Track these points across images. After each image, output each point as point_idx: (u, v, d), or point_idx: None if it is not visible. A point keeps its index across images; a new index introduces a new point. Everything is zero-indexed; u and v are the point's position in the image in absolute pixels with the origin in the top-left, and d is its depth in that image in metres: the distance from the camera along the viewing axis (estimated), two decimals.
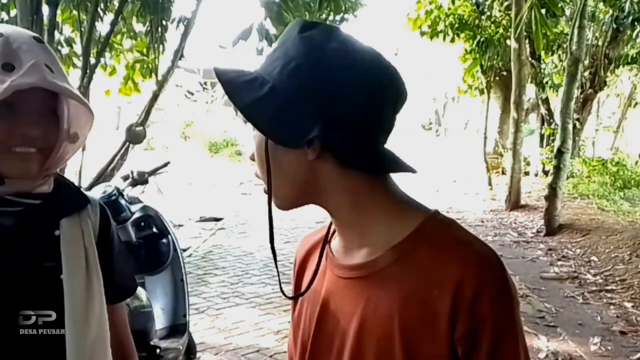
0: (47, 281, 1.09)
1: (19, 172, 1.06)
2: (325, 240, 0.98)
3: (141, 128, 3.28)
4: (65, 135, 1.08)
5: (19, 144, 1.04)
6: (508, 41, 11.38)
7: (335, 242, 0.96)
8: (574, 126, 10.01)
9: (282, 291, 0.99)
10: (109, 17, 6.19)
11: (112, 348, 1.20)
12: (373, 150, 0.85)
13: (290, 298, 1.01)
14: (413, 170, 0.87)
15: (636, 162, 13.95)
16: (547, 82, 12.95)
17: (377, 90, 0.83)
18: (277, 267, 0.96)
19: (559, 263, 6.74)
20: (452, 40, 12.80)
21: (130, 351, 1.31)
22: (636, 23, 10.15)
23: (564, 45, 10.88)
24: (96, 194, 2.65)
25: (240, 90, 0.85)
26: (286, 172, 0.86)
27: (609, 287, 5.75)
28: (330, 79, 0.81)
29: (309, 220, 7.15)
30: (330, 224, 0.98)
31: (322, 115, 0.80)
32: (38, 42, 1.07)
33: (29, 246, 1.10)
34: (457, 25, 12.55)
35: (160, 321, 3.02)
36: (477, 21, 12.41)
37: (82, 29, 5.69)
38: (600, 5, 10.72)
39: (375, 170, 0.87)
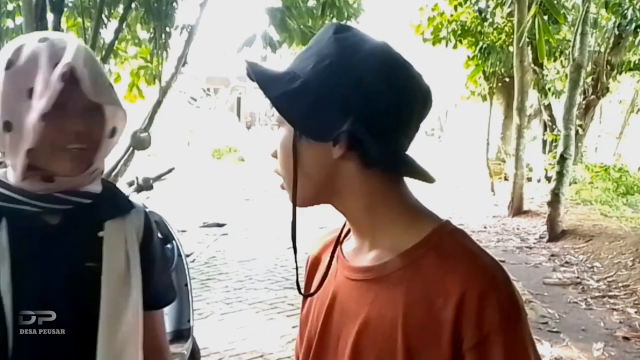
0: (87, 281, 1.10)
1: (69, 171, 1.08)
2: (337, 242, 0.99)
3: (146, 134, 3.29)
4: (107, 129, 1.11)
5: (70, 142, 1.06)
6: (510, 47, 11.39)
7: (347, 244, 0.98)
8: (577, 132, 10.02)
9: (299, 289, 1.01)
10: (113, 24, 6.23)
11: (150, 353, 1.22)
12: (396, 152, 0.87)
13: (305, 296, 1.01)
14: (432, 179, 0.89)
15: (639, 168, 13.93)
16: (549, 89, 12.97)
17: (405, 94, 0.85)
18: (296, 263, 0.97)
19: (562, 269, 6.74)
20: (455, 47, 12.84)
21: (167, 356, 1.32)
22: (638, 30, 10.17)
23: (567, 52, 10.89)
24: None
25: (272, 82, 0.86)
26: (308, 169, 0.87)
27: (612, 293, 5.75)
28: (361, 78, 0.83)
29: (312, 227, 7.16)
30: (344, 225, 0.99)
31: (351, 112, 0.82)
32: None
33: (72, 245, 1.12)
34: (459, 32, 12.59)
35: None
36: (479, 27, 12.44)
37: (87, 36, 5.72)
38: (603, 12, 10.74)
39: (397, 171, 0.89)
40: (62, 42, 1.07)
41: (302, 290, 1.04)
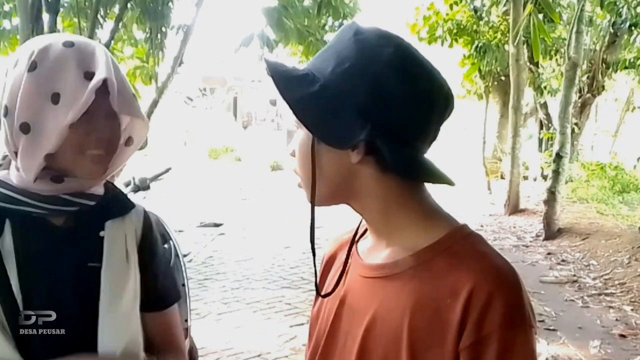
0: (91, 281, 1.11)
1: (89, 174, 1.10)
2: (353, 241, 0.99)
3: None
4: (123, 138, 1.13)
5: (92, 147, 1.07)
6: (506, 46, 11.42)
7: (363, 243, 0.98)
8: (573, 130, 10.06)
9: (317, 288, 1.01)
10: (109, 24, 6.22)
11: (164, 348, 1.23)
12: (415, 158, 0.86)
13: (323, 296, 1.00)
14: (451, 182, 0.88)
15: (634, 166, 13.97)
16: (545, 87, 12.99)
17: (427, 99, 0.84)
18: (314, 263, 0.97)
19: (559, 267, 6.76)
20: (451, 46, 12.85)
21: (182, 348, 1.32)
22: (633, 28, 10.20)
23: (562, 50, 10.92)
24: None
25: (290, 85, 0.85)
26: (326, 172, 0.87)
27: (608, 291, 5.77)
28: (381, 85, 0.81)
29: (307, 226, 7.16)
30: (359, 224, 1.00)
31: (371, 118, 0.81)
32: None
33: (76, 247, 1.12)
34: (455, 31, 12.61)
35: None
36: (475, 26, 12.46)
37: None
38: (598, 10, 10.76)
39: (414, 178, 0.89)
40: (90, 48, 1.07)
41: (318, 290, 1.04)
